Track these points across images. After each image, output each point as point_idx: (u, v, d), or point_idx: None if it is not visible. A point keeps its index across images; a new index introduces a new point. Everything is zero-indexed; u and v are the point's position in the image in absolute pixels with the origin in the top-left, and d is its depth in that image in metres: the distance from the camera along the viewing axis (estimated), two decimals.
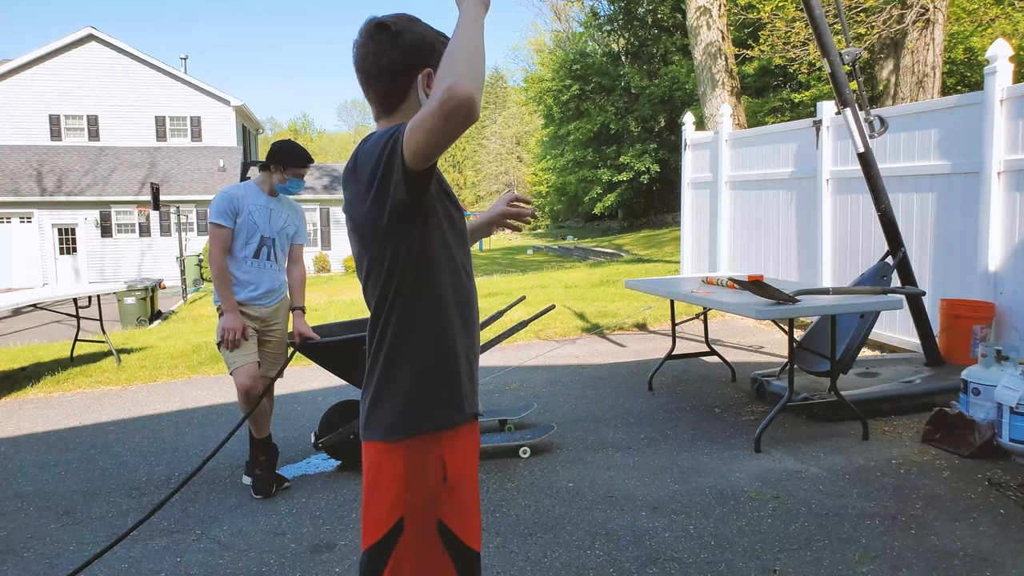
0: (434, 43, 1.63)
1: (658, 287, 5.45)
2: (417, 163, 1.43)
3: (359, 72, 1.64)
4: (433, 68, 1.61)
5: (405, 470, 1.55)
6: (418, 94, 1.62)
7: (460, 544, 1.60)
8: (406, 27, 1.61)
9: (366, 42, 1.61)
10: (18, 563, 3.25)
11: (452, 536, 1.58)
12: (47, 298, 7.46)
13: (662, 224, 33.89)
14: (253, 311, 3.89)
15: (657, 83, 31.46)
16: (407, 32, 1.60)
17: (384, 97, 1.63)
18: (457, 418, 1.61)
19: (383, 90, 1.62)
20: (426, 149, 1.40)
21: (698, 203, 9.71)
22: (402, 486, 1.54)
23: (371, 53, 1.60)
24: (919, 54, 10.66)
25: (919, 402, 4.80)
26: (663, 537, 3.22)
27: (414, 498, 1.55)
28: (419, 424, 1.56)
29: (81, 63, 25.73)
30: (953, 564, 2.89)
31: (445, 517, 1.58)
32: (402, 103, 1.62)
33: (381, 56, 1.60)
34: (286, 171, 3.90)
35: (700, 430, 4.65)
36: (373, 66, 1.60)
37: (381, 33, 1.60)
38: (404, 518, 1.54)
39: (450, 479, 1.57)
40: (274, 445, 4.02)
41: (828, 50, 4.88)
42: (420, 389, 1.57)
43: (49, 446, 4.94)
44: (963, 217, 5.70)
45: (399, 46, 1.59)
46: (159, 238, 25.01)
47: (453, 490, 1.59)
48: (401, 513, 1.54)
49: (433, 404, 1.58)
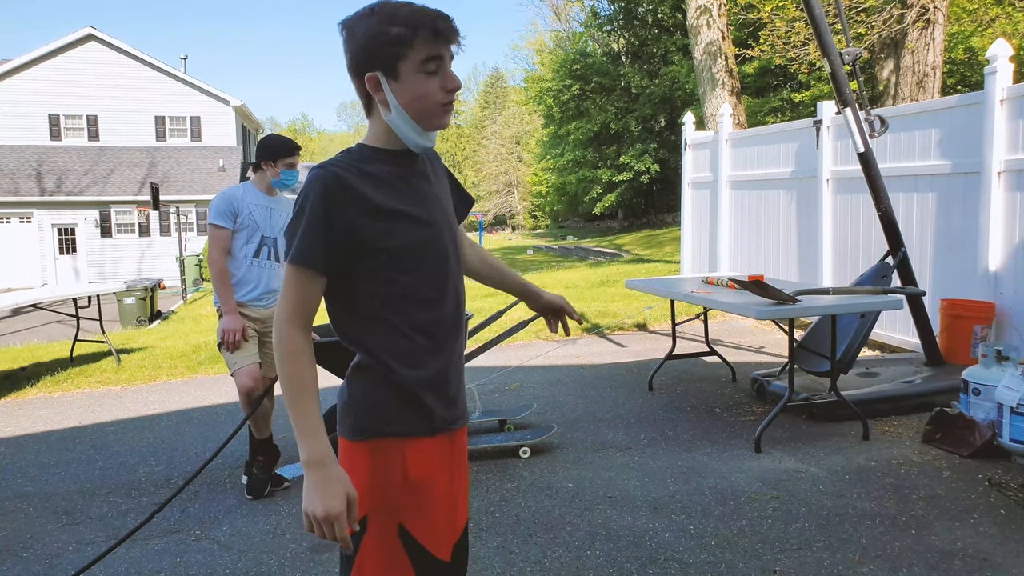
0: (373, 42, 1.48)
1: (658, 287, 5.45)
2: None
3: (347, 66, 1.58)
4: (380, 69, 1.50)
5: (369, 469, 1.54)
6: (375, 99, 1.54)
7: (422, 550, 1.57)
8: (353, 28, 1.50)
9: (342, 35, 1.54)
10: (18, 563, 3.25)
11: (413, 541, 1.56)
12: (47, 298, 7.46)
13: (662, 224, 33.90)
14: (253, 312, 3.88)
15: (657, 83, 31.46)
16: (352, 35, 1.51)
17: (362, 100, 1.57)
18: (419, 429, 1.58)
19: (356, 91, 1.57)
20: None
21: (698, 203, 9.71)
22: (366, 486, 1.54)
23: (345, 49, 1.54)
24: (919, 54, 10.66)
25: (919, 402, 4.80)
26: (663, 537, 3.22)
27: (376, 497, 1.54)
28: (380, 428, 1.55)
29: (81, 63, 25.72)
30: (953, 564, 2.89)
31: (406, 521, 1.55)
32: (371, 104, 1.56)
33: (346, 60, 1.54)
34: (277, 164, 3.86)
35: (700, 430, 4.65)
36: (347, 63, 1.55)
37: (342, 35, 1.53)
38: (368, 516, 1.54)
39: (412, 481, 1.55)
40: (275, 446, 4.01)
41: (828, 50, 4.88)
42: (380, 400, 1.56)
43: (49, 446, 4.94)
44: (963, 217, 5.70)
45: (350, 51, 1.52)
46: (159, 238, 25.01)
47: (417, 493, 1.56)
48: (365, 511, 1.54)
49: (395, 415, 1.56)
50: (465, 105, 70.58)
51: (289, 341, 1.49)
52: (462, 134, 67.58)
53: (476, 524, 3.42)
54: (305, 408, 1.47)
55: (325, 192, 1.47)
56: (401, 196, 1.55)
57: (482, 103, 67.57)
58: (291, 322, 1.49)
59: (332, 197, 1.48)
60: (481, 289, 12.24)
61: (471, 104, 70.50)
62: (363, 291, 1.53)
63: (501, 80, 67.16)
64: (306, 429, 1.46)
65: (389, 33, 1.47)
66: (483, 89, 69.10)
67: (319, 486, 1.44)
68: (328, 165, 1.51)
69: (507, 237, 48.34)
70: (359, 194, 1.50)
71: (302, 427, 1.47)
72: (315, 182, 1.48)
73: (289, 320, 1.49)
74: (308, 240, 1.47)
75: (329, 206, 1.47)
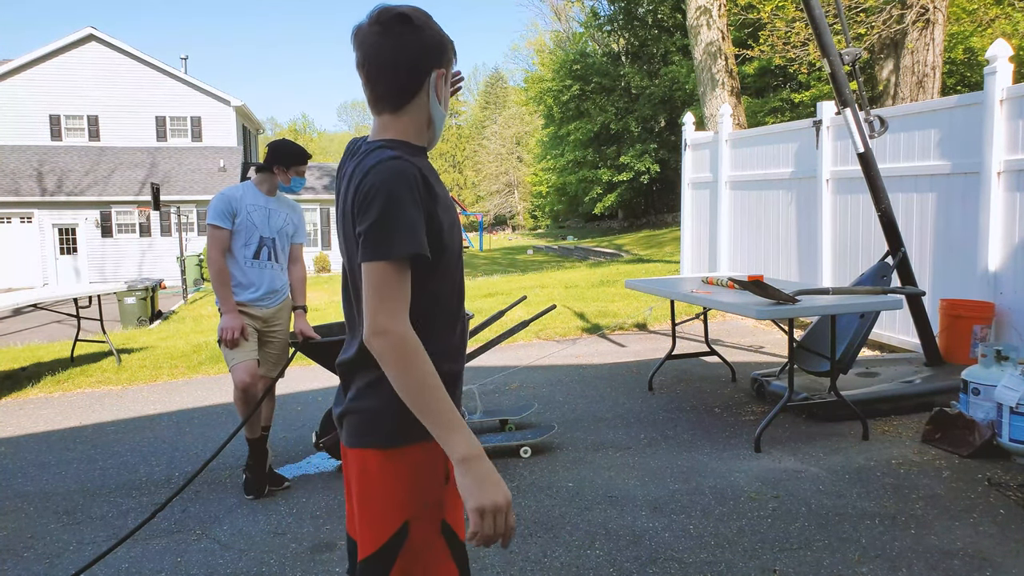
0: (447, 44, 1.57)
1: (658, 287, 5.45)
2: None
3: (371, 63, 1.52)
4: (446, 69, 1.58)
5: (409, 475, 1.51)
6: (429, 95, 1.56)
7: (458, 540, 1.59)
8: (426, 23, 1.53)
9: (384, 32, 1.50)
10: (18, 563, 3.26)
11: (452, 533, 1.58)
12: (47, 298, 7.46)
13: (662, 224, 33.91)
14: (255, 311, 3.89)
15: (657, 83, 31.47)
16: (427, 28, 1.52)
17: (397, 94, 1.53)
18: None
19: (397, 86, 1.53)
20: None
21: (698, 203, 9.71)
22: (407, 491, 1.51)
23: (389, 46, 1.50)
24: (919, 54, 10.66)
25: (919, 402, 4.80)
26: (663, 537, 3.22)
27: (422, 501, 1.52)
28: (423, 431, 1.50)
29: (81, 63, 25.73)
30: (953, 564, 2.89)
31: (447, 515, 1.57)
32: (411, 101, 1.55)
33: (400, 51, 1.50)
34: (289, 170, 3.92)
35: (700, 430, 4.66)
36: (390, 60, 1.50)
37: (402, 25, 1.50)
38: (409, 522, 1.51)
39: (449, 476, 1.56)
40: (264, 448, 3.98)
41: (828, 50, 4.88)
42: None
43: (49, 446, 4.94)
44: (963, 217, 5.70)
45: (420, 42, 1.51)
46: (159, 238, 25.01)
47: (451, 489, 1.59)
48: (406, 517, 1.51)
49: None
50: (465, 105, 70.59)
51: (411, 338, 1.42)
52: (462, 134, 67.57)
53: None
54: (446, 403, 1.42)
55: (413, 183, 1.45)
56: (445, 192, 1.59)
57: (482, 103, 67.58)
58: (404, 322, 1.43)
59: (417, 188, 1.46)
60: (481, 289, 12.25)
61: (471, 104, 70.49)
62: (427, 283, 1.51)
63: (501, 80, 67.17)
64: (454, 426, 1.41)
65: (450, 40, 1.59)
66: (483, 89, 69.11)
67: (488, 478, 1.40)
68: (400, 156, 1.47)
69: (507, 237, 48.35)
70: (432, 188, 1.50)
71: (452, 422, 1.41)
72: (397, 174, 1.44)
73: (401, 321, 1.42)
74: (411, 230, 1.42)
75: (416, 197, 1.45)
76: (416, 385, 1.41)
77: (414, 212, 1.44)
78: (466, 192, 64.03)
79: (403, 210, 1.43)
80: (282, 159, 3.90)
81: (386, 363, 1.42)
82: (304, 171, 4.00)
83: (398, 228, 1.42)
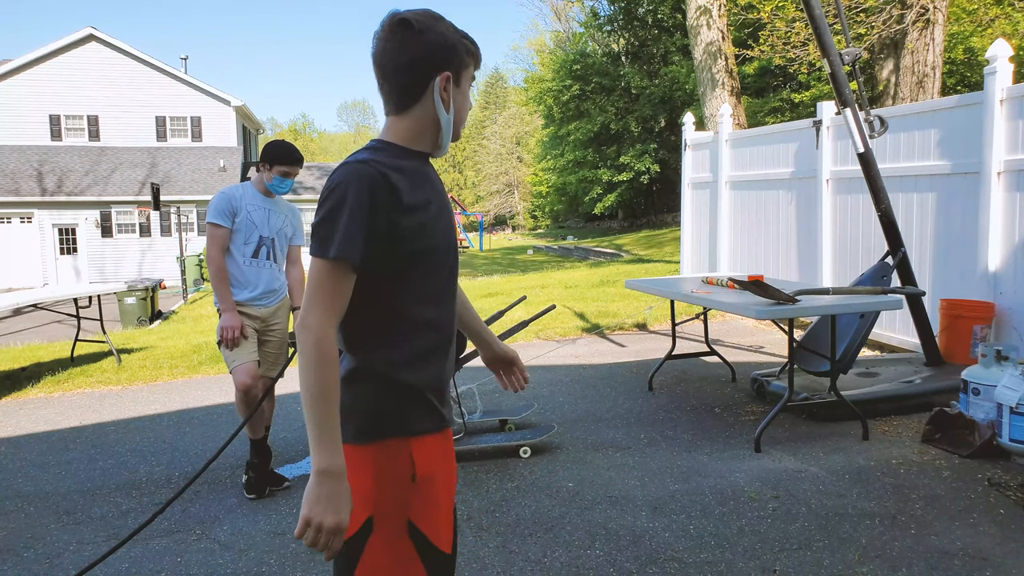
0: (456, 45, 1.58)
1: (658, 287, 5.45)
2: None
3: (376, 66, 1.57)
4: (452, 71, 1.58)
5: (374, 471, 1.53)
6: (434, 97, 1.58)
7: (429, 544, 1.58)
8: (429, 25, 1.55)
9: (387, 36, 1.55)
10: (18, 563, 3.26)
11: (421, 536, 1.57)
12: (47, 298, 7.46)
13: (662, 224, 33.91)
14: (253, 311, 3.89)
15: (657, 83, 31.47)
16: (429, 31, 1.55)
17: (399, 95, 1.57)
18: (427, 427, 1.60)
19: (400, 88, 1.56)
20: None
21: (698, 203, 9.72)
22: (371, 487, 1.53)
23: (391, 49, 1.54)
24: (919, 54, 10.66)
25: (919, 402, 4.80)
26: (663, 537, 3.22)
27: (384, 498, 1.53)
28: (387, 429, 1.54)
29: (81, 63, 25.73)
30: (953, 564, 2.89)
31: (414, 517, 1.56)
32: (416, 103, 1.58)
33: (401, 53, 1.54)
34: (271, 169, 3.85)
35: (700, 430, 4.66)
36: (391, 63, 1.55)
37: (404, 29, 1.54)
38: (373, 518, 1.53)
39: (419, 478, 1.56)
40: (267, 447, 3.99)
41: (828, 50, 4.88)
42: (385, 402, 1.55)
43: (49, 446, 4.94)
44: (963, 217, 5.70)
45: (420, 45, 1.54)
46: (159, 238, 25.02)
47: (421, 490, 1.57)
48: (370, 513, 1.53)
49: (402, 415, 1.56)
50: None
51: (326, 343, 1.43)
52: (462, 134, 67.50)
53: (476, 524, 3.42)
54: (331, 417, 1.44)
55: (370, 187, 1.46)
56: (427, 196, 1.58)
57: (482, 103, 67.57)
58: (329, 323, 1.45)
59: (375, 193, 1.46)
60: (481, 289, 12.25)
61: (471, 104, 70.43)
62: (384, 289, 1.52)
63: (501, 80, 67.18)
64: (327, 438, 1.43)
65: (464, 43, 1.60)
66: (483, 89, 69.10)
67: (333, 497, 1.42)
68: (367, 160, 1.50)
69: (507, 237, 48.34)
70: (398, 192, 1.50)
71: (324, 436, 1.43)
72: (356, 176, 1.46)
73: (328, 320, 1.44)
74: (349, 234, 1.44)
75: (372, 201, 1.46)
76: (313, 387, 1.43)
77: (359, 217, 1.45)
78: (466, 192, 64.03)
79: (347, 213, 1.45)
80: (266, 156, 3.84)
81: (300, 354, 1.45)
82: (289, 173, 3.86)
83: (337, 229, 1.45)
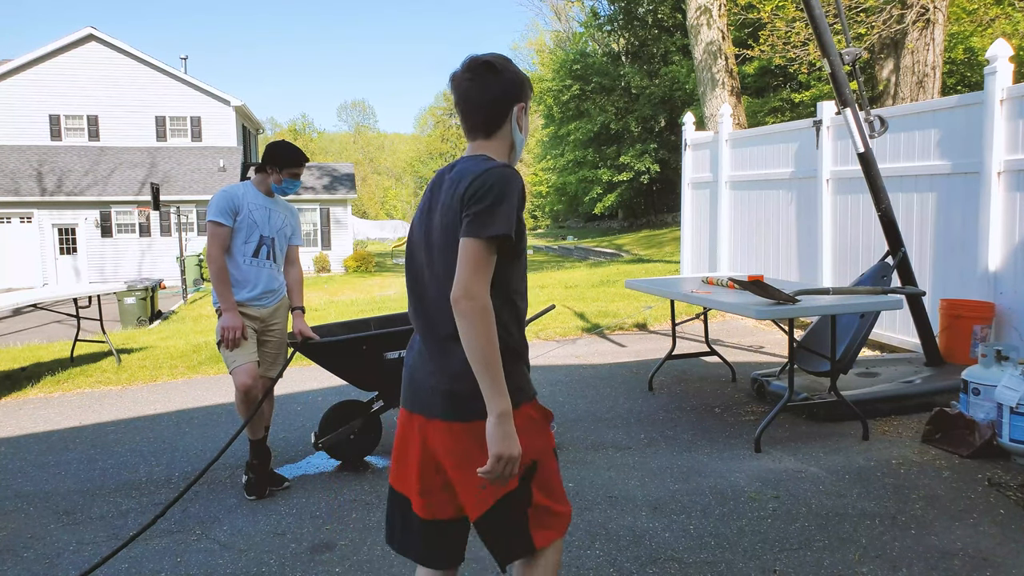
0: (524, 81, 1.95)
1: (658, 287, 5.45)
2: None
3: (465, 102, 1.91)
4: (524, 103, 1.95)
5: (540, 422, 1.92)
6: (511, 123, 1.94)
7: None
8: (505, 66, 1.91)
9: (473, 77, 1.89)
10: (18, 563, 3.25)
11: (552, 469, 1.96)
12: (47, 298, 7.46)
13: (662, 224, 33.91)
14: (252, 311, 3.88)
15: (657, 83, 31.46)
16: (507, 71, 1.91)
17: (486, 124, 1.92)
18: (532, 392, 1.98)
19: (486, 118, 1.91)
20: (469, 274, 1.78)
21: (698, 203, 9.71)
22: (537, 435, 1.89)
23: (478, 87, 1.89)
24: (919, 54, 10.66)
25: (919, 402, 4.80)
26: (663, 537, 3.22)
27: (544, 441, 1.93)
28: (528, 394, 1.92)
29: (81, 63, 25.72)
30: (953, 564, 2.89)
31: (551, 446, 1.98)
32: (499, 129, 1.93)
33: (487, 90, 1.89)
34: (282, 172, 3.89)
35: (700, 430, 4.65)
36: (479, 98, 1.89)
37: (488, 71, 1.89)
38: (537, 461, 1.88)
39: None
40: (267, 448, 3.99)
41: (828, 50, 4.88)
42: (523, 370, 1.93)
43: (49, 446, 4.94)
44: (963, 217, 5.70)
45: (501, 83, 1.90)
46: (159, 238, 25.01)
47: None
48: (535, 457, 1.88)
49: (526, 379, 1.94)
50: None
51: (490, 308, 1.75)
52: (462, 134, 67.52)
53: None
54: (501, 368, 1.75)
55: (519, 188, 1.83)
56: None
57: None
58: (487, 291, 1.76)
59: (521, 193, 1.83)
60: None
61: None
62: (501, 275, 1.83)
63: None
64: (500, 386, 1.74)
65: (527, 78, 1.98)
66: None
67: (512, 434, 1.75)
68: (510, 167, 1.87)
69: None
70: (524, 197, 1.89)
71: (498, 385, 1.74)
72: (514, 179, 1.82)
73: (487, 290, 1.75)
74: (508, 220, 1.76)
75: (519, 200, 1.82)
76: (488, 345, 1.73)
77: (514, 208, 1.79)
78: None
79: (506, 203, 1.78)
80: (275, 160, 3.88)
81: (468, 322, 1.73)
82: (298, 174, 3.94)
83: (498, 216, 1.76)
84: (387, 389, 4.25)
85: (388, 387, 4.23)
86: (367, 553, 3.21)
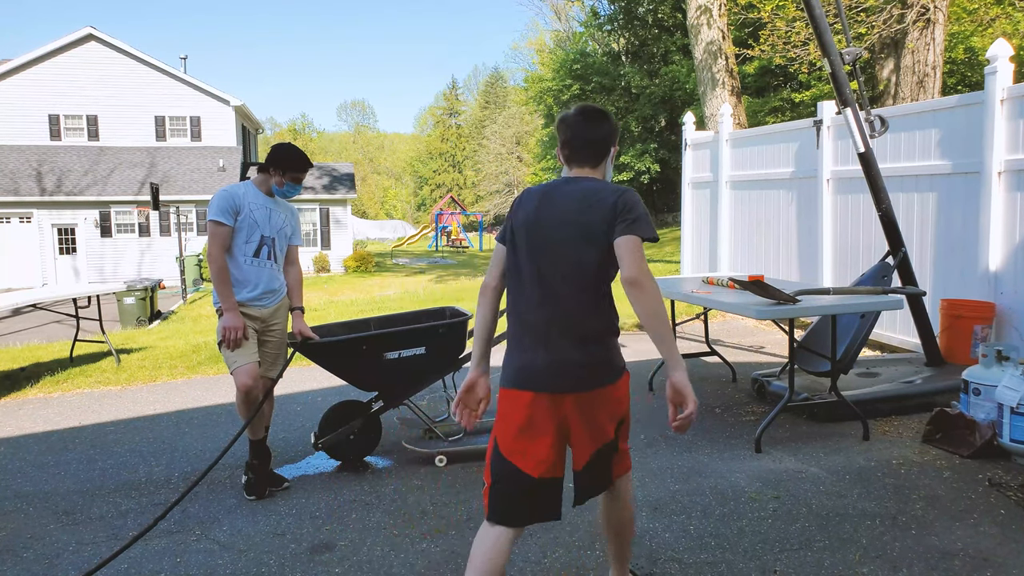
0: (618, 128, 2.54)
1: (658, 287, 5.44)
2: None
3: (578, 139, 2.44)
4: (618, 146, 2.54)
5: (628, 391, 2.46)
6: (609, 157, 2.51)
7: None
8: (610, 115, 2.51)
9: (586, 122, 2.44)
10: (18, 563, 3.25)
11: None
12: (47, 298, 7.45)
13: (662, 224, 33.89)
14: (253, 311, 3.87)
15: (657, 83, 31.44)
16: (611, 120, 2.50)
17: (595, 156, 2.47)
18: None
19: (597, 152, 2.46)
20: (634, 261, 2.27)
21: (698, 203, 9.71)
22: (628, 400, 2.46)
23: (590, 129, 2.44)
24: (919, 54, 10.66)
25: (919, 402, 4.80)
26: (663, 537, 3.22)
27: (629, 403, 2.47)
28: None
29: (81, 63, 25.71)
30: (953, 564, 2.89)
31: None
32: (601, 162, 2.49)
33: (599, 130, 2.46)
34: (285, 175, 3.89)
35: (700, 430, 4.65)
36: (593, 136, 2.45)
37: (603, 117, 2.47)
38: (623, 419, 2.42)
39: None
40: (267, 448, 3.99)
41: (828, 50, 4.88)
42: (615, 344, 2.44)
43: (49, 446, 4.93)
44: (963, 217, 5.69)
45: (610, 127, 2.49)
46: (159, 238, 25.00)
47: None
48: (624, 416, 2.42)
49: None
50: (465, 105, 70.58)
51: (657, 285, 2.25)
52: (462, 134, 67.55)
53: (476, 524, 3.41)
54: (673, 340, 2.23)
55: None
56: None
57: (482, 103, 67.59)
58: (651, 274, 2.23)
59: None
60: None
61: (471, 104, 70.49)
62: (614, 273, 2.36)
63: (501, 80, 67.17)
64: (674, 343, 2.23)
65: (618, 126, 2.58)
66: (483, 89, 69.12)
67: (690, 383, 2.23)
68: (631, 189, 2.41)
69: None
70: None
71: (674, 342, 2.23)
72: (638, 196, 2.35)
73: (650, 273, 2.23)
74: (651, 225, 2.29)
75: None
76: (664, 316, 2.22)
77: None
78: (466, 192, 64.01)
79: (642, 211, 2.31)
80: (279, 163, 3.88)
81: (649, 294, 2.20)
82: (301, 179, 3.95)
83: (649, 223, 2.31)
84: (387, 389, 4.24)
85: (388, 387, 4.23)
86: (367, 553, 3.20)
